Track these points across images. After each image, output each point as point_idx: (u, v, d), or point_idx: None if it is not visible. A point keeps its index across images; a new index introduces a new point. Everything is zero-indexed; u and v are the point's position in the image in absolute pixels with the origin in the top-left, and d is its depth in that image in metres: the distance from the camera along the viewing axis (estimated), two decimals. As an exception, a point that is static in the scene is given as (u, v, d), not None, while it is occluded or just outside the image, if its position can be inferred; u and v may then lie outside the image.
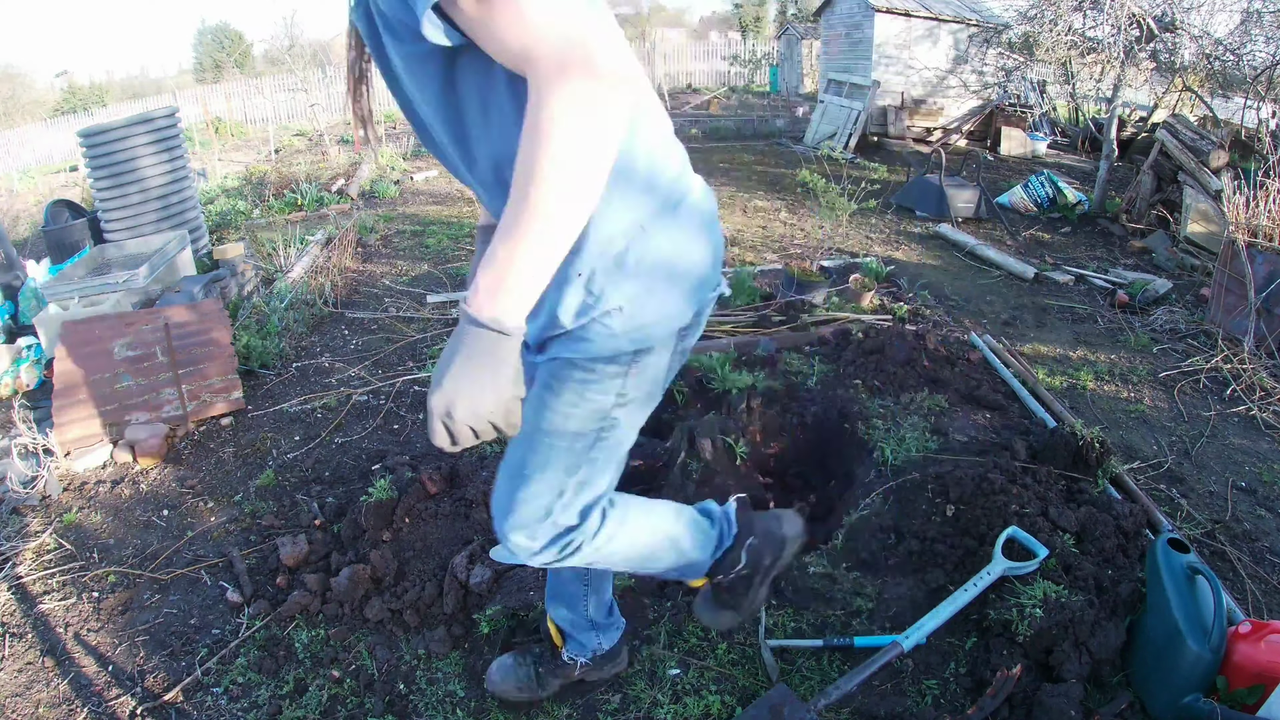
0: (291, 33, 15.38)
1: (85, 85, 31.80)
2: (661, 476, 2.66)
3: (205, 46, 31.65)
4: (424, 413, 1.13)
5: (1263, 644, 1.70)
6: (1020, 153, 9.42)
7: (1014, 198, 6.99)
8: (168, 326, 3.33)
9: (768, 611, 2.06)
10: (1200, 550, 2.36)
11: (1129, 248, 5.89)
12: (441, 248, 6.05)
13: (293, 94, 16.81)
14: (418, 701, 1.90)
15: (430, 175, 9.08)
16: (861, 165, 8.82)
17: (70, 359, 3.24)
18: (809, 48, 16.88)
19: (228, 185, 8.63)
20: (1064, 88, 10.18)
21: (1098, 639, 1.81)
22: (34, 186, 10.97)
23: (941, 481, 2.42)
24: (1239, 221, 4.05)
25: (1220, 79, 7.68)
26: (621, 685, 1.89)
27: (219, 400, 3.37)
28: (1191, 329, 4.17)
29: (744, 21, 30.19)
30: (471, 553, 2.22)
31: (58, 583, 2.43)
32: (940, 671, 1.88)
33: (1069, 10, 7.58)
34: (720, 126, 11.89)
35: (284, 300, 4.47)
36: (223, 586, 2.36)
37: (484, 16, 0.88)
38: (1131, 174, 7.24)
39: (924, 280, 4.88)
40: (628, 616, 2.07)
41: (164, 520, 2.73)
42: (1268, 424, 3.20)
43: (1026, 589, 1.92)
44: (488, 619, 1.99)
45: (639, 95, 1.08)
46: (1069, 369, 3.69)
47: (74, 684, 2.04)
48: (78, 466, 3.02)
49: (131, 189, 5.41)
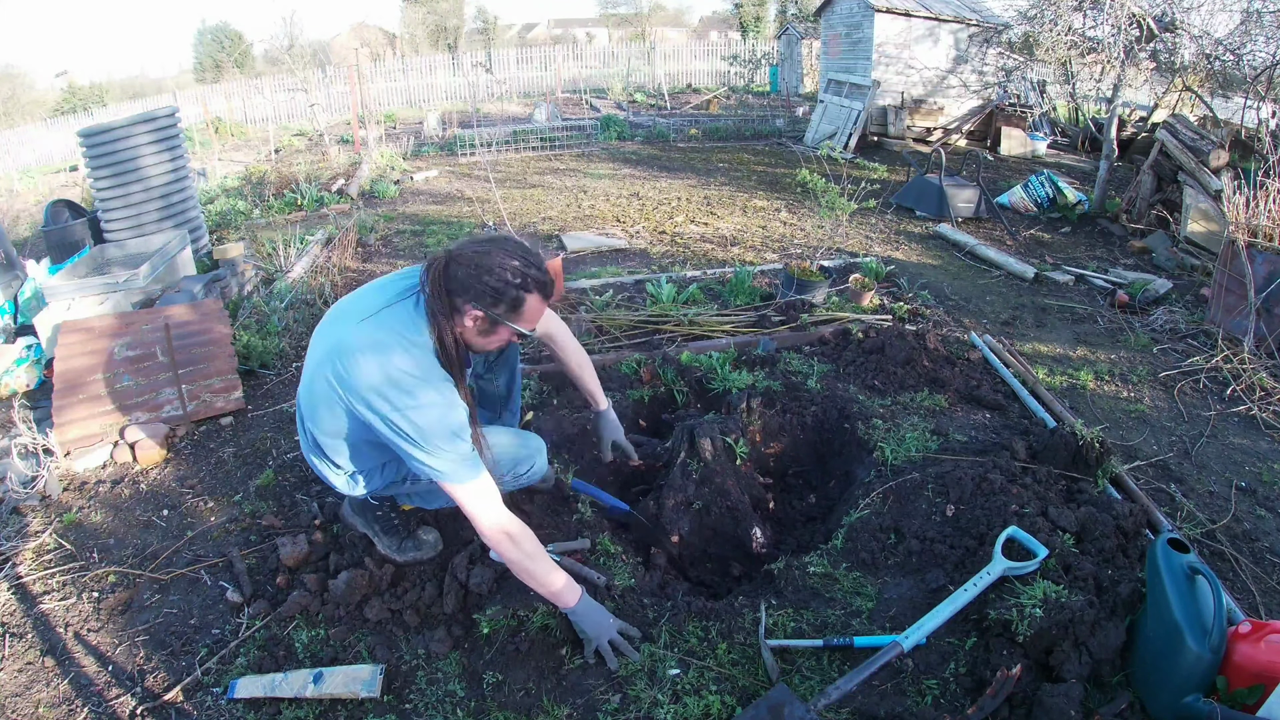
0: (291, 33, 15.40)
1: (85, 85, 31.80)
2: (661, 476, 2.66)
3: (205, 46, 31.66)
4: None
5: (1263, 644, 1.70)
6: (1020, 153, 9.42)
7: (1014, 198, 6.99)
8: (168, 326, 3.32)
9: (768, 611, 2.06)
10: (1200, 550, 2.36)
11: (1129, 248, 5.89)
12: (441, 248, 6.05)
13: (293, 94, 16.82)
14: (418, 701, 1.90)
15: (430, 175, 9.08)
16: (861, 165, 8.82)
17: (70, 359, 3.24)
18: (809, 48, 16.88)
19: (228, 185, 8.63)
20: (1064, 88, 10.18)
21: (1098, 639, 1.81)
22: (34, 186, 10.97)
23: (941, 481, 2.42)
24: (1239, 221, 4.05)
25: (1220, 79, 7.68)
26: (621, 685, 1.89)
27: (219, 400, 3.37)
28: (1191, 329, 4.17)
29: (744, 21, 30.18)
30: (471, 553, 2.22)
31: (58, 583, 2.43)
32: (940, 671, 1.88)
33: (1069, 10, 7.58)
34: (720, 126, 11.89)
35: (284, 300, 4.47)
36: (223, 586, 2.36)
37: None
38: (1131, 174, 7.24)
39: (924, 280, 4.88)
40: (628, 616, 2.07)
41: (164, 520, 2.72)
42: (1268, 424, 3.20)
43: (1026, 589, 1.92)
44: (488, 619, 1.98)
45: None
46: (1069, 369, 3.69)
47: (74, 684, 2.04)
48: (78, 466, 3.02)
49: (132, 189, 5.41)
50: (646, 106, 16.19)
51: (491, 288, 1.74)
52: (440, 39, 33.57)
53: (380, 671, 1.94)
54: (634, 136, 11.54)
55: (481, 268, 1.74)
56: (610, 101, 16.84)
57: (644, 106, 16.17)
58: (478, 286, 1.74)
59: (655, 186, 8.15)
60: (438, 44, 33.19)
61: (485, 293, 1.74)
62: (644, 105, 16.39)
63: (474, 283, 1.74)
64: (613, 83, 19.75)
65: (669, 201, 7.39)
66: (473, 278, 1.74)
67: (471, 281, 1.74)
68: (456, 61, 21.31)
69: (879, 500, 2.43)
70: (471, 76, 19.85)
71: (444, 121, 13.09)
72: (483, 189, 8.21)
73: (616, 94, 18.09)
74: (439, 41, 33.37)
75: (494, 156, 10.16)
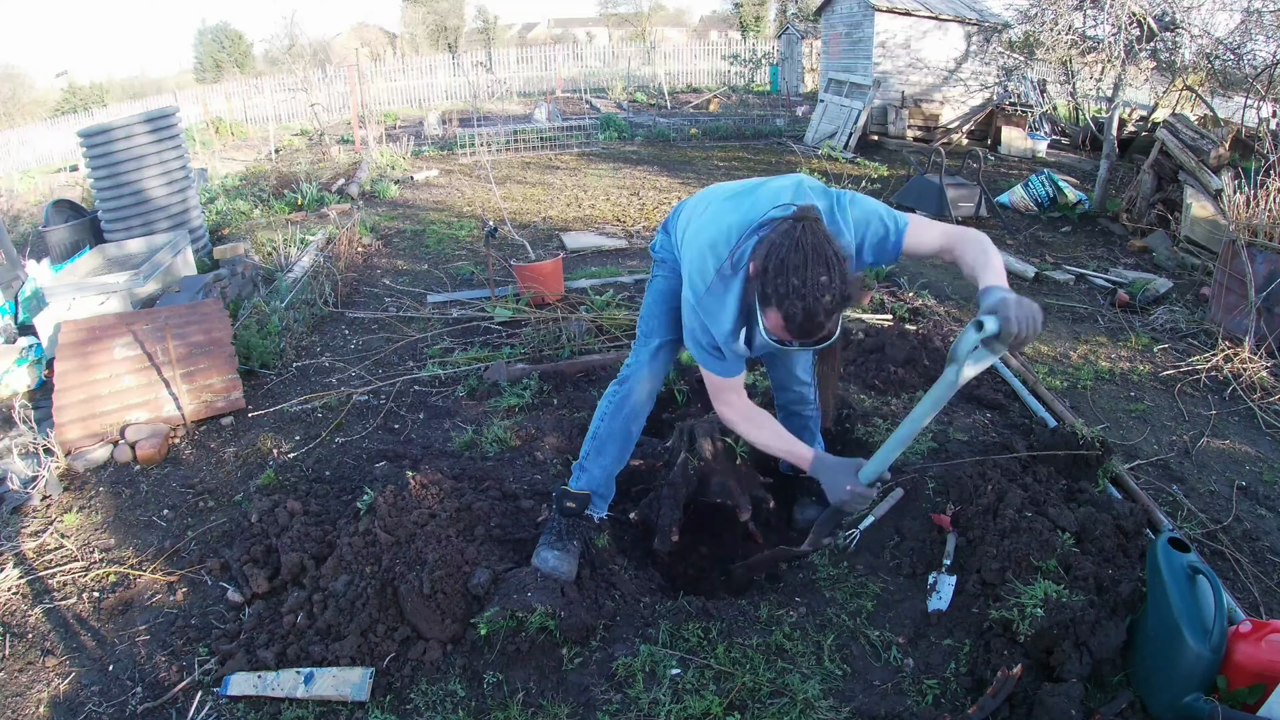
0: (291, 33, 15.40)
1: (85, 85, 31.80)
2: (661, 476, 2.66)
3: (205, 46, 31.68)
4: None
5: (1263, 643, 1.70)
6: (1020, 152, 9.41)
7: (1014, 197, 6.99)
8: (168, 326, 3.32)
9: (768, 606, 2.06)
10: (1200, 550, 2.36)
11: (1129, 247, 5.89)
12: (441, 248, 6.05)
13: (293, 94, 16.82)
14: (418, 701, 1.90)
15: (431, 174, 9.08)
16: (861, 164, 8.82)
17: (70, 359, 3.24)
18: (809, 47, 16.87)
19: (228, 185, 8.62)
20: (1064, 87, 10.17)
21: (1098, 638, 1.81)
22: (34, 186, 10.96)
23: (941, 481, 2.42)
24: (1239, 221, 4.05)
25: (1220, 78, 7.68)
26: (621, 685, 1.89)
27: (219, 400, 3.37)
28: (1192, 328, 4.17)
29: (744, 21, 30.18)
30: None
31: (58, 583, 2.43)
32: (941, 671, 1.88)
33: (1069, 9, 7.57)
34: (720, 126, 11.89)
35: (284, 300, 4.47)
36: (223, 587, 2.36)
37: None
38: (1132, 173, 7.23)
39: (924, 279, 4.88)
40: (627, 616, 2.07)
41: (164, 520, 2.72)
42: (1268, 423, 3.19)
43: (1027, 589, 1.92)
44: (486, 620, 1.98)
45: None
46: (1069, 368, 3.69)
47: (74, 684, 2.04)
48: (78, 466, 3.02)
49: (132, 189, 5.41)
50: (647, 106, 16.19)
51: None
52: (440, 39, 33.56)
53: (370, 675, 1.94)
54: (634, 136, 11.54)
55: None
56: (610, 101, 16.83)
57: (644, 106, 16.17)
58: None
59: (655, 186, 8.14)
60: (438, 44, 33.18)
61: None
62: (644, 105, 16.39)
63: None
64: (613, 82, 19.75)
65: (669, 201, 7.38)
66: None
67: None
68: (456, 61, 21.30)
69: (879, 500, 2.43)
70: (471, 76, 19.84)
71: (444, 121, 13.09)
72: (483, 188, 8.21)
73: (616, 93, 18.09)
74: (439, 41, 33.35)
75: (494, 156, 10.15)
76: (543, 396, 3.44)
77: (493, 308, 4.37)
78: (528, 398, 3.39)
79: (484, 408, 3.35)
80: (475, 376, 3.63)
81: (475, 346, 4.01)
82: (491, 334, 4.17)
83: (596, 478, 2.24)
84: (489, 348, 3.99)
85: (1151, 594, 1.86)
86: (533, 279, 4.44)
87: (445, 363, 3.82)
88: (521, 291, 4.49)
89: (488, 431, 3.05)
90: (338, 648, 1.99)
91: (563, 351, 3.84)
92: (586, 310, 4.32)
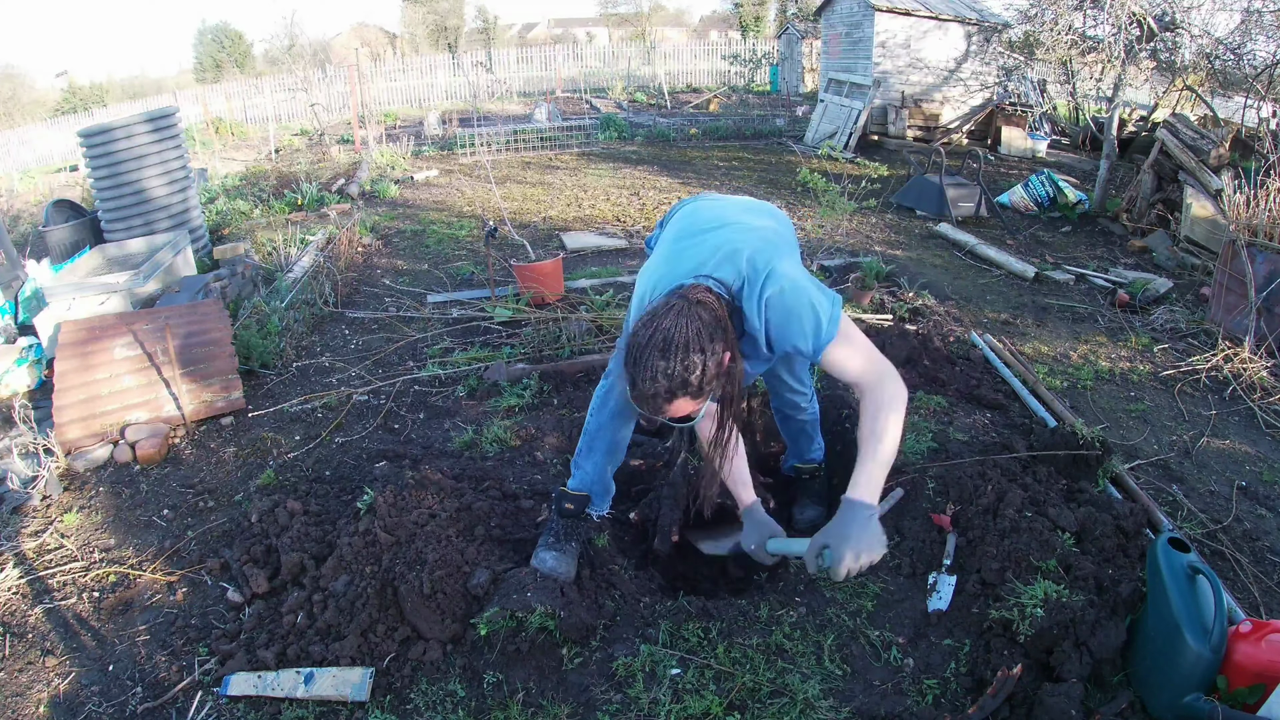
0: (291, 33, 15.39)
1: (85, 85, 31.81)
2: (661, 476, 2.66)
3: (205, 46, 31.68)
4: (830, 557, 1.62)
5: (1263, 643, 1.70)
6: (1020, 152, 9.41)
7: (1014, 197, 6.99)
8: (168, 326, 3.32)
9: (768, 606, 2.06)
10: (1200, 550, 2.36)
11: (1129, 247, 5.89)
12: (441, 248, 6.05)
13: (293, 94, 16.81)
14: (418, 701, 1.90)
15: (431, 174, 9.08)
16: (861, 164, 8.82)
17: (70, 359, 3.24)
18: (809, 47, 16.87)
19: (228, 185, 8.62)
20: (1064, 87, 10.17)
21: (1098, 638, 1.81)
22: (34, 186, 10.95)
23: (941, 481, 2.42)
24: (1239, 221, 4.05)
25: (1220, 78, 7.68)
26: (621, 685, 1.89)
27: (219, 400, 3.37)
28: (1192, 328, 4.17)
29: (744, 21, 30.17)
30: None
31: (58, 583, 2.43)
32: (940, 671, 1.88)
33: (1069, 9, 7.57)
34: (720, 126, 11.89)
35: (284, 300, 4.47)
36: (223, 587, 2.36)
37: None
38: (1132, 173, 7.23)
39: (924, 279, 4.88)
40: (627, 616, 2.07)
41: (164, 520, 2.72)
42: (1268, 423, 3.19)
43: (1027, 589, 1.92)
44: (486, 621, 1.98)
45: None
46: (1069, 368, 3.69)
47: (74, 684, 2.04)
48: (78, 466, 3.02)
49: (132, 188, 5.41)
50: (646, 106, 16.18)
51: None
52: (440, 39, 33.56)
53: (370, 675, 1.94)
54: (634, 136, 11.54)
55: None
56: (610, 101, 16.83)
57: (644, 106, 16.16)
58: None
59: (655, 186, 8.14)
60: (438, 44, 33.18)
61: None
62: (644, 105, 16.38)
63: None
64: (613, 82, 19.75)
65: (669, 201, 7.38)
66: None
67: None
68: (456, 61, 21.30)
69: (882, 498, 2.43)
70: (471, 76, 19.84)
71: (444, 121, 13.09)
72: (483, 188, 8.21)
73: (616, 93, 18.09)
74: (439, 41, 33.35)
75: (494, 156, 10.15)
76: (543, 396, 3.44)
77: (493, 308, 4.37)
78: (528, 398, 3.39)
79: (484, 408, 3.35)
80: (475, 376, 3.63)
81: (475, 346, 4.01)
82: (491, 334, 4.17)
83: (590, 474, 2.23)
84: (489, 348, 3.99)
85: (1151, 594, 1.86)
86: (533, 279, 4.44)
87: (445, 363, 3.82)
88: (521, 291, 4.49)
89: (488, 431, 3.05)
90: (338, 648, 2.00)
91: (563, 351, 3.84)
92: (586, 310, 4.32)
